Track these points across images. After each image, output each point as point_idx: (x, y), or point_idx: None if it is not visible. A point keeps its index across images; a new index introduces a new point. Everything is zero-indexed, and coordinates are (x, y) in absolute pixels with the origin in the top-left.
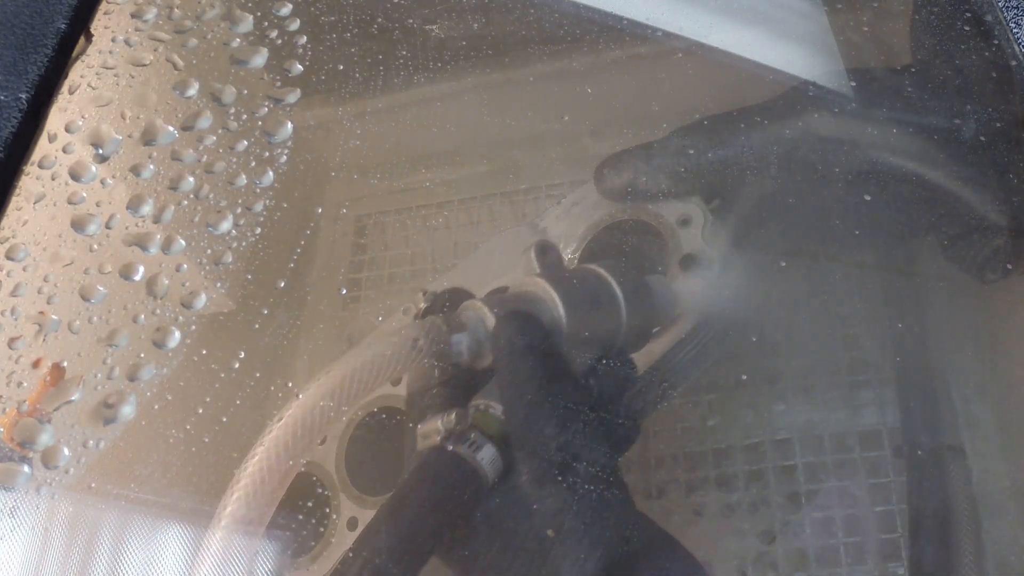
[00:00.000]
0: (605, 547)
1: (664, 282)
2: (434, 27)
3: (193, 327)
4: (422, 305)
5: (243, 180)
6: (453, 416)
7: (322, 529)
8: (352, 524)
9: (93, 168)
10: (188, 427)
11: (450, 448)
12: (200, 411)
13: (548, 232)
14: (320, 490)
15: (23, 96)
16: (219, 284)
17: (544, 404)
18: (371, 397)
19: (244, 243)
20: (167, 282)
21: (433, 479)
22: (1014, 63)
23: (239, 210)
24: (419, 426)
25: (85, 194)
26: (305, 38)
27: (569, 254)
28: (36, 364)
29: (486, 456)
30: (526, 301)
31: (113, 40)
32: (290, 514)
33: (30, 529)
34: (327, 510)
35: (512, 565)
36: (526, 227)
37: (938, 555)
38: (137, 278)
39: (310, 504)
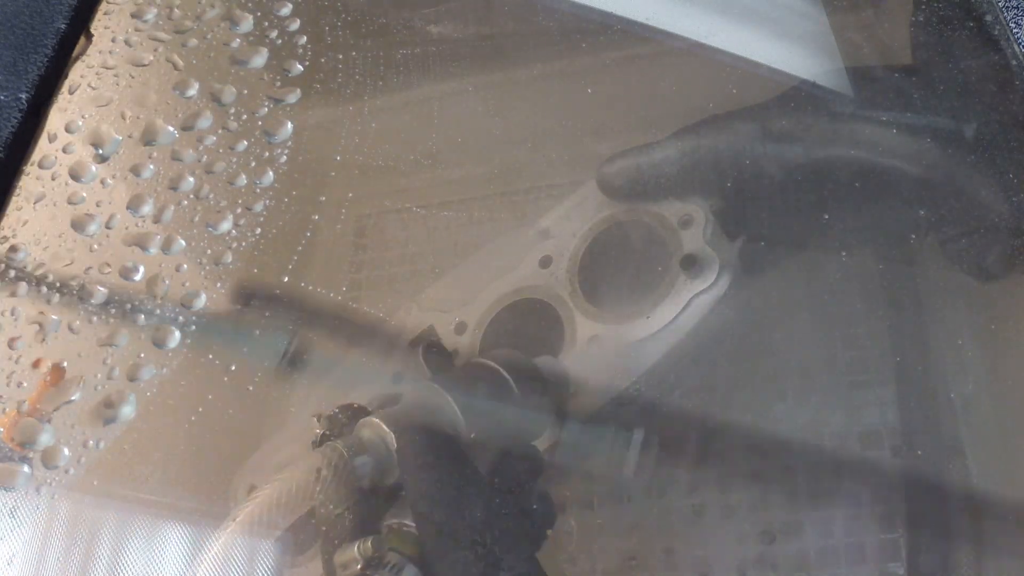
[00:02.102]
0: None
1: (553, 362)
2: (434, 27)
3: (193, 327)
4: (318, 431)
5: (243, 180)
6: (369, 543)
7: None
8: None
9: (93, 168)
10: (188, 427)
11: None
12: (200, 411)
13: (551, 232)
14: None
15: (23, 96)
16: (219, 284)
17: (459, 516)
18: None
19: (244, 243)
20: (167, 282)
21: None
22: (1014, 63)
23: (239, 210)
24: (335, 556)
25: (85, 194)
26: (305, 38)
27: (570, 255)
28: (36, 364)
29: None
30: (423, 411)
31: (113, 40)
32: None
33: (30, 529)
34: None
35: None
36: (528, 228)
37: (938, 555)
38: (137, 278)
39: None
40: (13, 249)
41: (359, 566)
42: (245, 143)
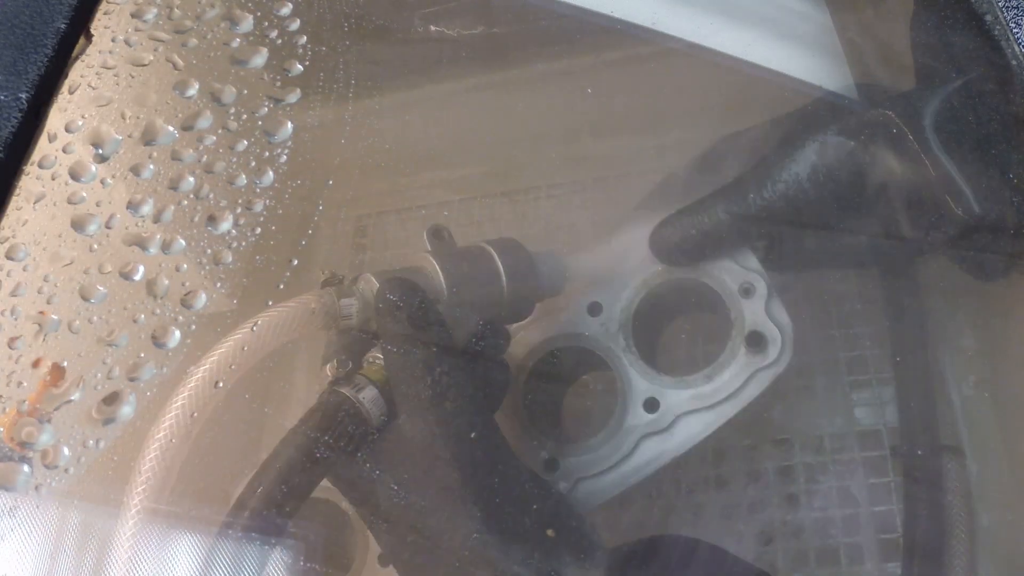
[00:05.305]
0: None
1: (554, 258)
2: (434, 27)
3: (193, 327)
4: (324, 277)
5: (243, 180)
6: (336, 362)
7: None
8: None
9: (93, 168)
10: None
11: (338, 389)
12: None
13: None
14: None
15: (23, 96)
16: (219, 284)
17: (416, 349)
18: None
19: (244, 243)
20: (167, 282)
21: (321, 415)
22: (1014, 63)
23: (239, 210)
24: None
25: (85, 194)
26: (305, 38)
27: (622, 306)
28: (36, 364)
29: (367, 396)
30: (410, 272)
31: (113, 40)
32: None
33: (30, 529)
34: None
35: (395, 494)
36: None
37: (936, 555)
38: (137, 278)
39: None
40: (13, 249)
41: (329, 380)
42: (245, 143)
